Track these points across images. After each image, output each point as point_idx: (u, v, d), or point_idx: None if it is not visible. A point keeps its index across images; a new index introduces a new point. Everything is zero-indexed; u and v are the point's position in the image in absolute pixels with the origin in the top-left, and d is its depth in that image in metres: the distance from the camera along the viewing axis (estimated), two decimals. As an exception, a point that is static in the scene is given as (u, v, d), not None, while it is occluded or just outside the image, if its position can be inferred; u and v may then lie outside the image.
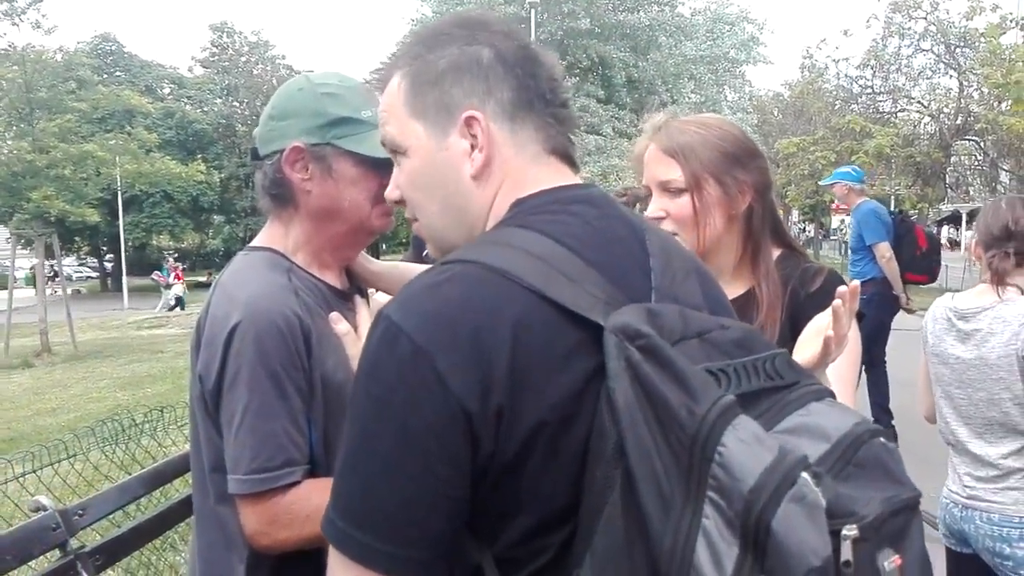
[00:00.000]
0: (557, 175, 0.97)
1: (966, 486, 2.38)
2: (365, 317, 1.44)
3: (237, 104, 40.56)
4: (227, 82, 40.09)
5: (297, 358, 1.28)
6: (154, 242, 43.02)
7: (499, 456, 0.82)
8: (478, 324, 0.81)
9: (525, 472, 0.82)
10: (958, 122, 19.25)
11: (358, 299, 1.48)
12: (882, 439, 0.80)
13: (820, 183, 10.11)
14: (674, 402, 0.74)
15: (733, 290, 1.60)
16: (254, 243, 1.45)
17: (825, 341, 1.24)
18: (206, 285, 35.97)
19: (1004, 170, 20.74)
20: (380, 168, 1.36)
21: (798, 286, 1.58)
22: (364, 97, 1.38)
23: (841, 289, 1.26)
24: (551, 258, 0.87)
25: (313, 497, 1.25)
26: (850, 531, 0.70)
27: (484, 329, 0.81)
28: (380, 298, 1.60)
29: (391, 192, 1.05)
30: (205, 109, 39.93)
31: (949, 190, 23.14)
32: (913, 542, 0.77)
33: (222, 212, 40.72)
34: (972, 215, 38.09)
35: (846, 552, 0.69)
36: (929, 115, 20.37)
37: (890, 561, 0.73)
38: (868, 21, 20.51)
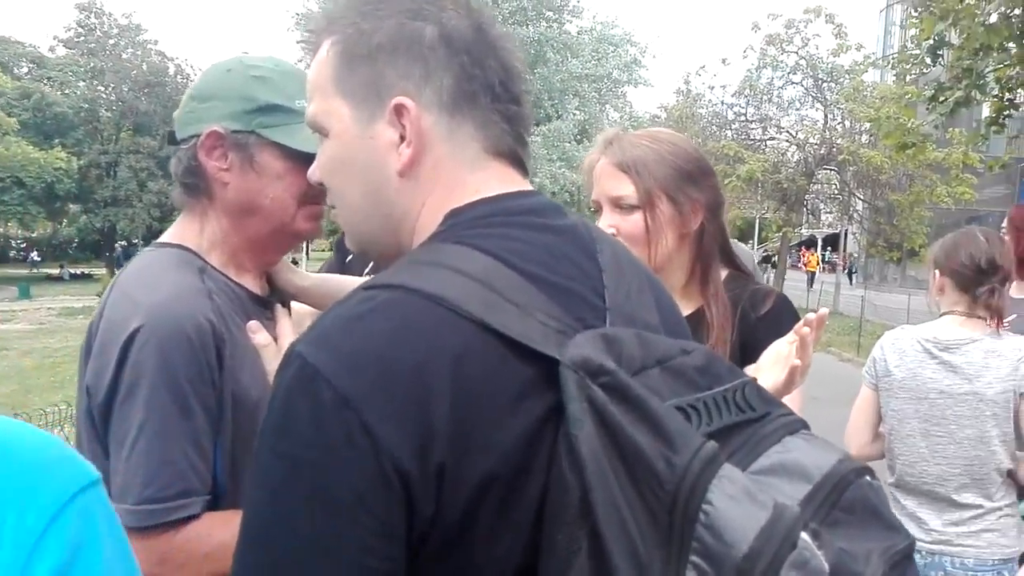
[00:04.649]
0: (499, 181, 0.85)
1: (932, 530, 2.24)
2: (287, 328, 1.28)
3: (103, 89, 38.30)
4: (92, 65, 37.71)
5: (207, 371, 1.11)
6: (1, 230, 40.00)
7: (441, 520, 0.68)
8: (412, 364, 0.68)
9: (474, 535, 0.70)
10: (822, 152, 20.45)
11: (279, 308, 1.32)
12: (868, 478, 0.73)
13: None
14: (649, 451, 0.64)
15: (682, 310, 1.54)
16: (163, 238, 1.27)
17: (792, 369, 1.20)
18: (58, 279, 33.75)
19: (859, 198, 22.19)
20: (311, 166, 1.21)
21: (748, 308, 1.55)
22: (300, 85, 1.23)
23: (809, 317, 1.23)
24: (494, 281, 0.74)
25: (214, 533, 1.09)
26: None
27: (419, 370, 0.68)
28: (301, 308, 1.44)
29: (312, 172, 0.92)
30: (67, 92, 37.49)
31: (811, 216, 24.59)
32: None
33: (79, 201, 38.35)
34: (827, 240, 40.79)
35: None
36: (796, 144, 21.55)
37: None
38: (745, 52, 21.54)
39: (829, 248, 39.65)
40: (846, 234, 29.30)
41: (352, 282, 1.54)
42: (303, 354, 0.70)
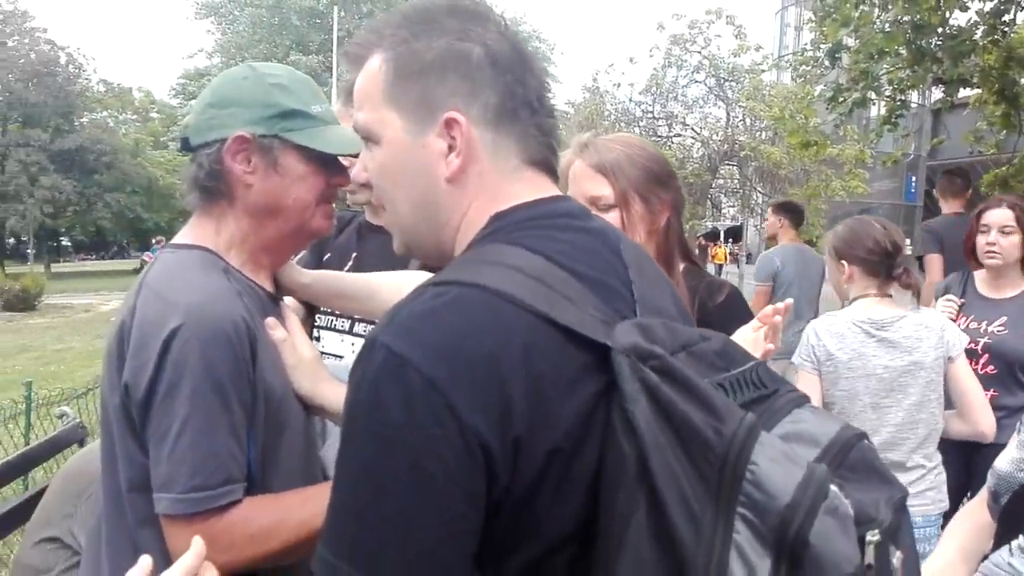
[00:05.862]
0: (535, 188, 0.96)
1: None
2: (296, 324, 1.36)
3: (-13, 78, 36.10)
4: (-26, 53, 35.51)
5: (244, 368, 1.18)
6: None
7: (514, 488, 0.79)
8: (489, 353, 0.78)
9: (538, 501, 0.81)
10: (725, 148, 21.16)
11: (283, 304, 1.40)
12: (867, 441, 0.86)
13: None
14: (700, 423, 0.76)
15: None
16: (178, 240, 1.32)
17: (764, 353, 1.36)
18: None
19: (759, 192, 23.09)
20: (329, 167, 1.30)
21: (705, 298, 1.69)
22: (314, 92, 1.33)
23: (779, 306, 1.38)
24: (547, 277, 0.85)
25: (255, 516, 1.17)
26: (873, 536, 0.75)
27: (495, 359, 0.78)
28: (290, 302, 1.52)
29: (359, 173, 1.02)
30: (-55, 81, 35.20)
31: (715, 209, 25.43)
32: (907, 536, 0.83)
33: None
34: (729, 232, 42.22)
35: (869, 556, 0.75)
36: (700, 141, 22.23)
37: (897, 557, 0.79)
38: (651, 51, 22.03)
39: (731, 240, 40.99)
40: (745, 226, 30.40)
41: (343, 277, 1.61)
42: (388, 344, 0.79)
